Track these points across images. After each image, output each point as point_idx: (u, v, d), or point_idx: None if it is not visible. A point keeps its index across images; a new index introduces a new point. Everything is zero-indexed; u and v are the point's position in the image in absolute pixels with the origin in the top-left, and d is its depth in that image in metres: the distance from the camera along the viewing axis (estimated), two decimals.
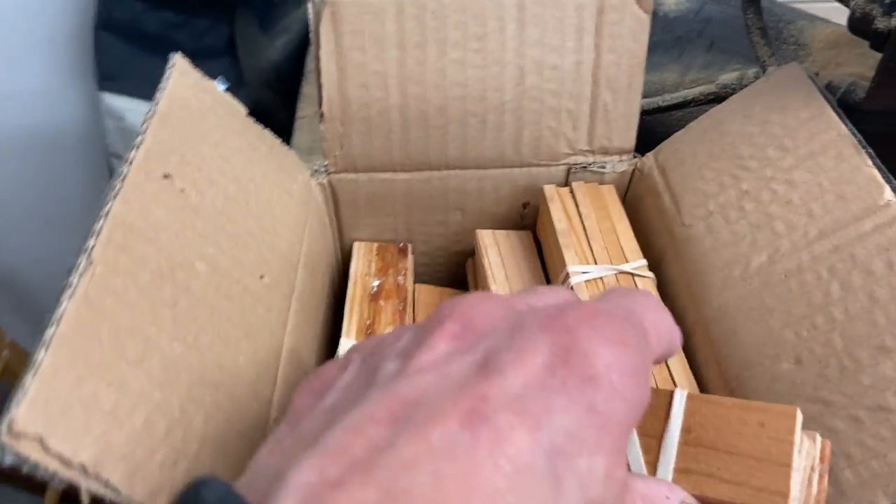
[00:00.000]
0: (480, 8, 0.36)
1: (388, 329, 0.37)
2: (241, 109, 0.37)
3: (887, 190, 0.29)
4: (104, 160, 0.94)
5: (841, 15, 0.40)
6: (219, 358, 0.29)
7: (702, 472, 0.22)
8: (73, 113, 0.94)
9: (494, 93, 0.38)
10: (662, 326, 0.19)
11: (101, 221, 0.26)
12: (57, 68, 0.90)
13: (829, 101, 0.33)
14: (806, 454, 0.21)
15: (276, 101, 0.81)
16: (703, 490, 0.21)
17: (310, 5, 0.35)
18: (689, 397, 0.23)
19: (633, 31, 0.37)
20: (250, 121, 0.37)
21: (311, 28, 0.36)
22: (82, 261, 0.25)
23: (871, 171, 0.30)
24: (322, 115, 0.38)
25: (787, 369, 0.29)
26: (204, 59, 0.85)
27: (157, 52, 0.83)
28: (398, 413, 0.14)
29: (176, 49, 0.83)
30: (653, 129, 0.41)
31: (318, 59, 0.36)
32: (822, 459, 0.21)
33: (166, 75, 0.34)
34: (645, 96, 0.39)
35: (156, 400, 0.25)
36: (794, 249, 0.31)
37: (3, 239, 1.05)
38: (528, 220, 0.42)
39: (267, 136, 0.38)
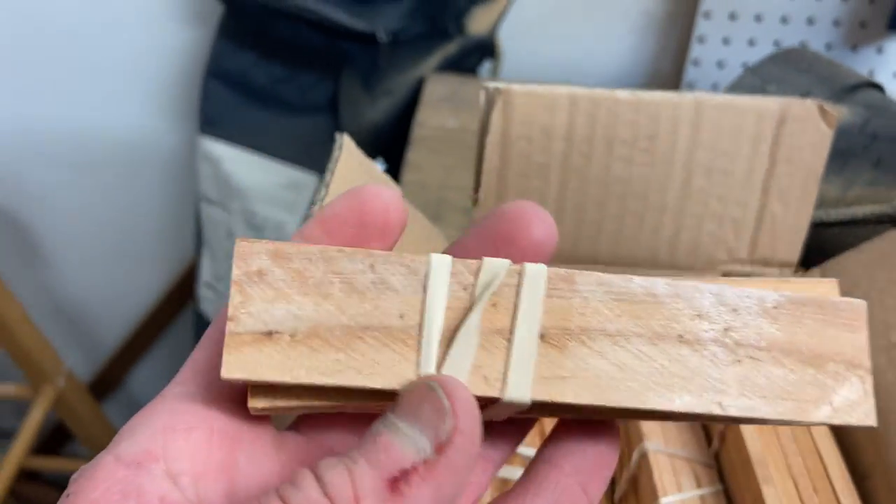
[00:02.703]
0: (655, 108, 0.35)
1: None
2: (398, 191, 0.36)
3: None
4: (192, 202, 0.95)
5: None
6: None
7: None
8: (168, 153, 0.96)
9: (657, 193, 0.36)
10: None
11: None
12: (159, 108, 0.92)
13: None
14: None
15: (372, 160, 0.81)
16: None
17: (482, 92, 0.35)
18: None
19: (814, 144, 0.35)
20: (409, 204, 0.36)
21: (482, 114, 0.35)
22: None
23: None
24: (476, 200, 0.37)
25: None
26: (306, 114, 0.87)
27: (261, 103, 0.85)
28: None
29: (280, 101, 0.85)
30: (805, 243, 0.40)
31: (482, 144, 0.36)
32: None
33: (335, 156, 0.33)
34: None
35: None
36: None
37: (75, 269, 1.06)
38: None
39: (419, 218, 0.37)
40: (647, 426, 0.35)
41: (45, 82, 0.87)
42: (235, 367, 0.16)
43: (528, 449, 0.34)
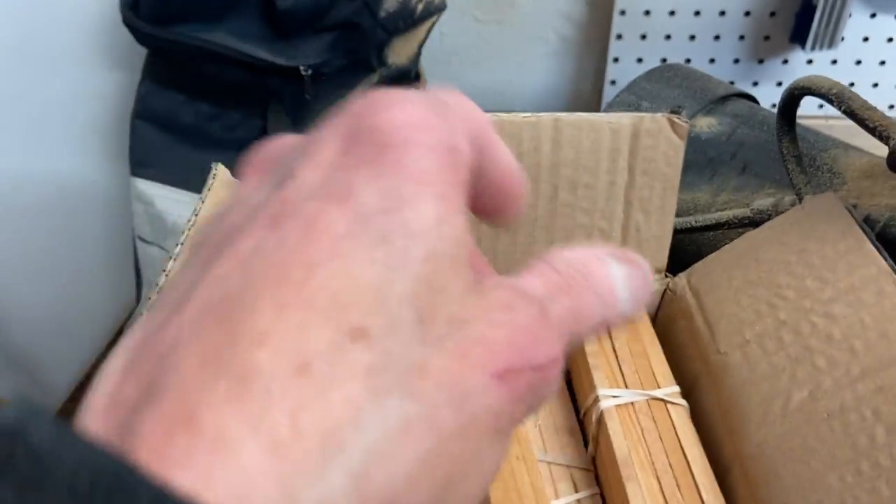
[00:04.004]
0: (517, 128, 0.36)
1: None
2: None
3: None
4: (129, 242, 0.96)
5: (872, 143, 0.40)
6: None
7: None
8: (104, 197, 0.96)
9: (528, 209, 0.38)
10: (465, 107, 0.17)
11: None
12: (92, 152, 0.93)
13: (867, 234, 0.32)
14: None
15: None
16: None
17: None
18: None
19: (668, 155, 0.37)
20: None
21: None
22: None
23: None
24: None
25: None
26: (235, 150, 0.87)
27: (190, 142, 0.86)
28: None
29: (208, 139, 0.86)
30: (683, 248, 0.41)
31: None
32: None
33: (207, 185, 0.34)
34: (677, 215, 0.39)
35: None
36: (837, 387, 0.30)
37: (19, 319, 1.05)
38: None
39: None
40: (525, 433, 0.36)
41: None
42: None
43: None
